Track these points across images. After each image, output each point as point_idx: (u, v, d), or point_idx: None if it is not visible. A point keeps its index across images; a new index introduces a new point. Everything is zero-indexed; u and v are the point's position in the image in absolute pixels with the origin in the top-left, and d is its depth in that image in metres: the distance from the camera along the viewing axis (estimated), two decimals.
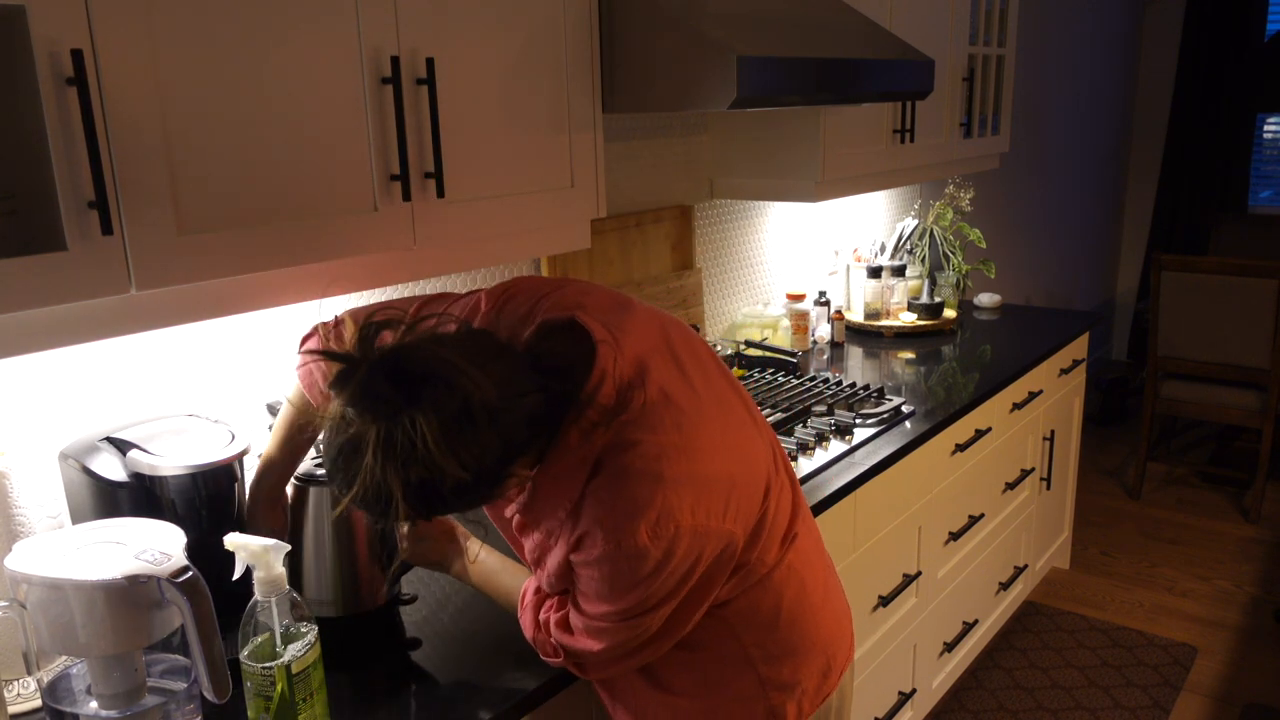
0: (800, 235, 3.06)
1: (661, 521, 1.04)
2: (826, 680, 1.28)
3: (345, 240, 1.34)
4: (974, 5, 2.94)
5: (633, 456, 1.05)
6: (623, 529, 1.04)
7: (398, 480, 0.95)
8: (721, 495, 1.10)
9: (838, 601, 1.34)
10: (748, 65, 1.68)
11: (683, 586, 1.10)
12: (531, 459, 1.08)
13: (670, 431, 1.07)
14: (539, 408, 1.03)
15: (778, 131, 2.43)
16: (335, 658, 1.35)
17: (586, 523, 1.06)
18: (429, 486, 0.96)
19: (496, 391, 0.97)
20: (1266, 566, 3.56)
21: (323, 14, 1.28)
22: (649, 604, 1.10)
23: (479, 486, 1.00)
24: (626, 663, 1.19)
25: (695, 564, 1.09)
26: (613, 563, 1.06)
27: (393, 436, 0.93)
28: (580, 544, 1.08)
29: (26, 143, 1.05)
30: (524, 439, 1.02)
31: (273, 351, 1.69)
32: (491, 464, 0.99)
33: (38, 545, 1.08)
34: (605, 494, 1.05)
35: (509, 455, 1.01)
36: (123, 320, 1.14)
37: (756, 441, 1.20)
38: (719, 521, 1.09)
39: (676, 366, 1.14)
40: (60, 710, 1.08)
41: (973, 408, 2.44)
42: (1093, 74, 5.00)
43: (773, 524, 1.20)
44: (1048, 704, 2.78)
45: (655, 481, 1.05)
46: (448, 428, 0.93)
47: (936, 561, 2.48)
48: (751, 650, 1.21)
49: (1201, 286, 3.76)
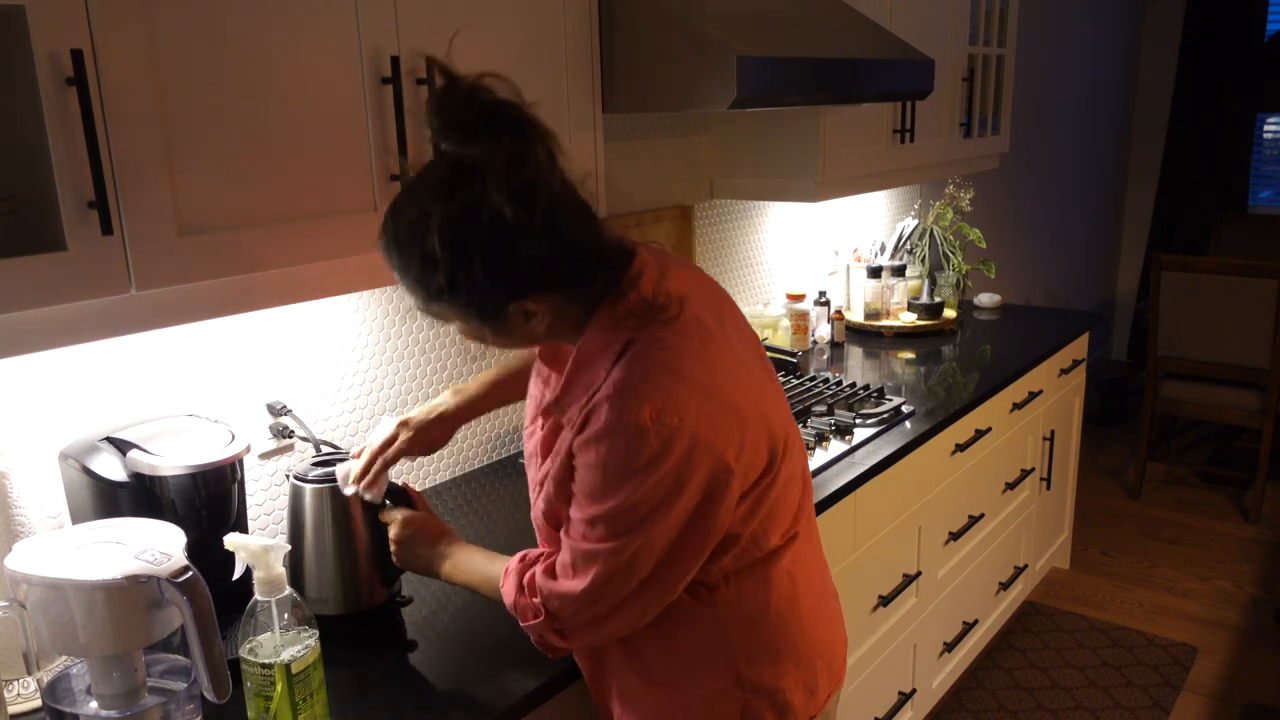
0: (800, 235, 3.06)
1: (666, 409, 1.06)
2: (812, 699, 1.25)
3: (345, 240, 1.34)
4: (974, 5, 2.94)
5: (656, 348, 1.09)
6: (628, 405, 1.06)
7: (438, 204, 1.01)
8: (730, 424, 1.10)
9: (832, 620, 1.32)
10: (748, 65, 1.68)
11: (672, 504, 1.07)
12: (549, 313, 1.10)
13: (697, 344, 1.12)
14: (583, 247, 1.08)
15: (778, 131, 2.43)
16: (335, 657, 1.35)
17: (598, 399, 1.08)
18: (468, 221, 1.01)
19: (560, 189, 1.05)
20: (1266, 566, 3.56)
21: (323, 14, 1.28)
22: (639, 511, 1.07)
23: (503, 271, 1.04)
24: (608, 625, 1.16)
25: (687, 477, 1.07)
26: (611, 439, 1.06)
27: (461, 162, 1.01)
28: (587, 421, 1.09)
29: (26, 143, 1.05)
30: (559, 264, 1.07)
31: (273, 351, 1.69)
32: (526, 256, 1.04)
33: (38, 545, 1.08)
34: (621, 374, 1.08)
35: (540, 267, 1.05)
36: (123, 320, 1.14)
37: (776, 405, 1.21)
38: (722, 445, 1.09)
39: (716, 316, 1.19)
40: (60, 710, 1.08)
41: (973, 408, 2.44)
42: (1093, 74, 5.00)
43: (777, 503, 1.19)
44: (1048, 704, 2.78)
45: (671, 374, 1.08)
46: (514, 166, 1.00)
47: (936, 561, 2.48)
48: (734, 644, 1.19)
49: (1201, 286, 3.76)
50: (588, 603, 1.14)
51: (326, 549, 1.40)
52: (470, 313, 1.10)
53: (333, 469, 1.41)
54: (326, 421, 1.79)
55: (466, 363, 2.02)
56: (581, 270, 1.10)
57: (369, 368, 1.84)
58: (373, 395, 1.86)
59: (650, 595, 1.14)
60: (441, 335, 1.97)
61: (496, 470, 2.07)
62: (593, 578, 1.12)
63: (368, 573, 1.42)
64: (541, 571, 1.19)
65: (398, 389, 1.90)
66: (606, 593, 1.13)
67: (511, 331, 1.12)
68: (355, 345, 1.81)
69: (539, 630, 1.20)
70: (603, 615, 1.15)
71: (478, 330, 1.13)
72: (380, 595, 1.44)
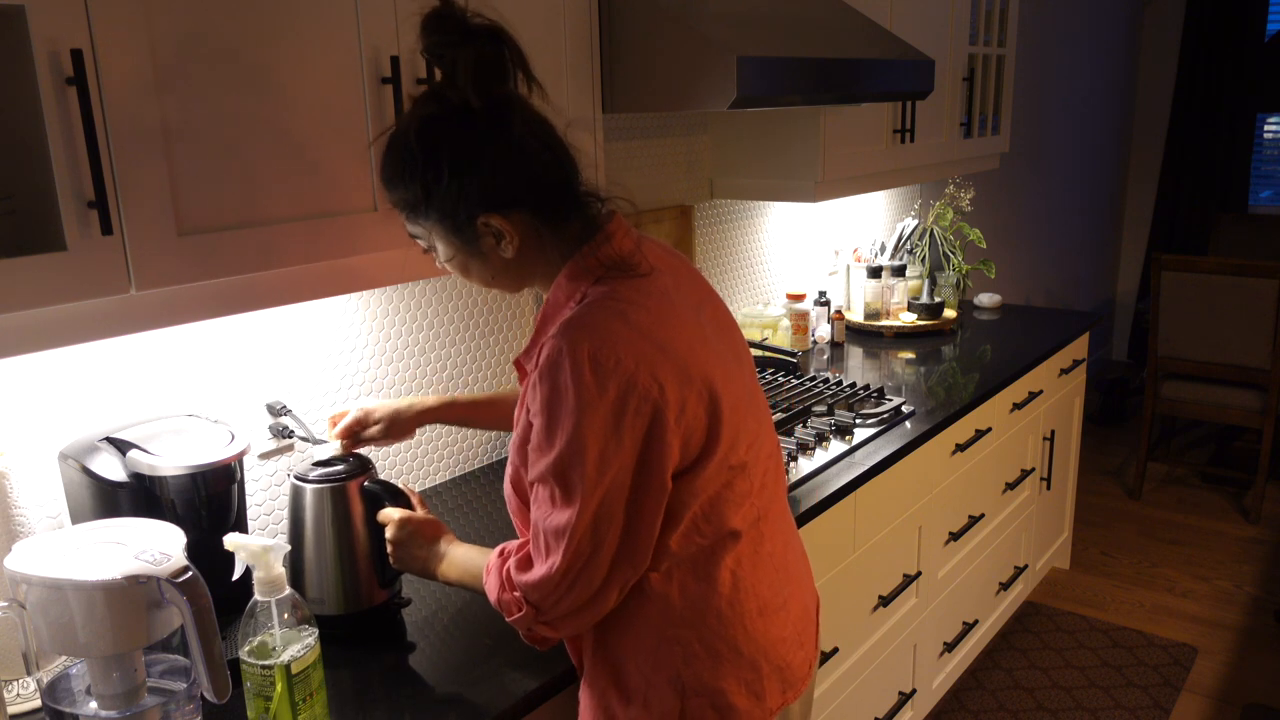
0: (800, 235, 3.06)
1: (605, 349, 1.08)
2: (758, 704, 1.22)
3: (345, 240, 1.34)
4: (974, 5, 2.94)
5: (611, 297, 1.14)
6: (568, 341, 1.09)
7: (418, 107, 1.14)
8: (672, 379, 1.11)
9: (789, 627, 1.28)
10: (748, 65, 1.68)
11: (615, 451, 1.08)
12: (518, 236, 1.15)
13: (654, 303, 1.15)
14: (555, 172, 1.15)
15: (777, 131, 2.43)
16: (335, 658, 1.35)
17: (546, 338, 1.12)
18: (439, 117, 1.11)
19: (534, 112, 1.15)
20: (1266, 566, 3.56)
21: (323, 14, 1.28)
22: (583, 457, 1.07)
23: (470, 172, 1.11)
24: (591, 609, 1.15)
25: (625, 420, 1.08)
26: (551, 376, 1.09)
27: (442, 67, 1.12)
28: (538, 360, 1.12)
29: (26, 143, 1.05)
30: (527, 180, 1.14)
31: (273, 351, 1.69)
32: (493, 159, 1.12)
33: (38, 545, 1.08)
34: (571, 314, 1.13)
35: (507, 176, 1.12)
36: (123, 320, 1.14)
37: (743, 395, 1.23)
38: (659, 396, 1.10)
39: (692, 302, 1.22)
40: (60, 710, 1.08)
41: (973, 408, 2.44)
42: (1093, 74, 5.00)
43: (724, 494, 1.18)
44: (1048, 704, 2.78)
45: (619, 318, 1.12)
46: (484, 64, 1.10)
47: (936, 562, 2.48)
48: (671, 643, 1.18)
49: (1201, 286, 3.76)
50: (565, 588, 1.13)
51: (326, 549, 1.40)
52: (446, 226, 1.15)
53: (334, 469, 1.42)
54: (327, 421, 1.79)
55: (466, 363, 2.02)
56: (551, 197, 1.16)
57: (369, 368, 1.84)
58: (373, 395, 1.86)
59: (623, 569, 1.14)
60: (441, 335, 1.97)
61: (497, 470, 2.07)
62: (562, 554, 1.11)
63: (367, 573, 1.42)
64: (515, 566, 1.18)
65: (398, 389, 1.90)
66: (581, 574, 1.12)
67: (485, 254, 1.17)
68: (355, 345, 1.81)
69: (525, 623, 1.20)
70: (583, 600, 1.14)
71: (457, 253, 1.18)
72: (380, 596, 1.44)
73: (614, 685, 1.22)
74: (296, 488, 1.41)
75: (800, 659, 1.30)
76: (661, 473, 1.12)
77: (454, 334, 1.99)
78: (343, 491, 1.40)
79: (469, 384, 2.04)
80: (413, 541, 1.37)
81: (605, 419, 1.08)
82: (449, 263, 1.21)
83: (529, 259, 1.19)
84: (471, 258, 1.19)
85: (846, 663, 2.14)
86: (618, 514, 1.12)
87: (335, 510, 1.40)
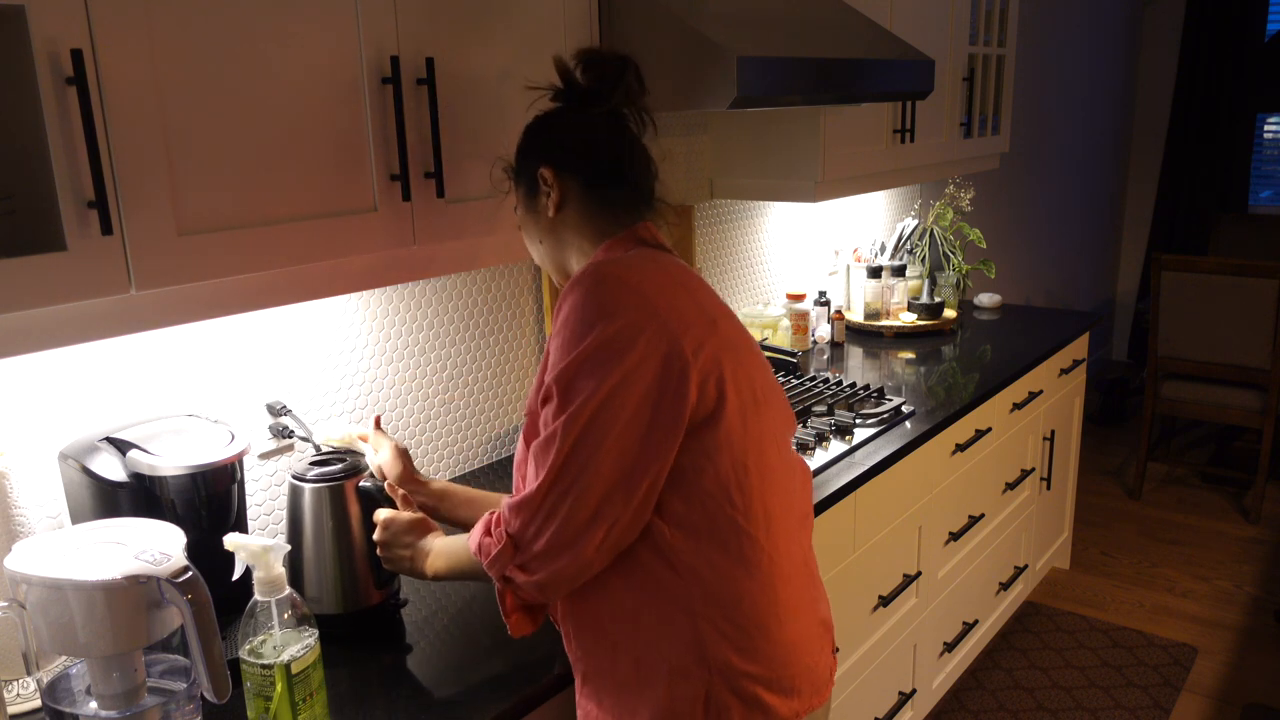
0: (800, 235, 3.06)
1: (630, 275, 1.15)
2: (785, 701, 1.19)
3: (345, 240, 1.34)
4: (974, 5, 2.94)
5: (633, 255, 1.22)
6: (598, 265, 1.17)
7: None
8: (693, 317, 1.16)
9: (812, 636, 1.26)
10: (748, 65, 1.68)
11: (621, 362, 1.09)
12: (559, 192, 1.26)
13: (675, 269, 1.22)
14: (609, 164, 1.27)
15: (778, 131, 2.43)
16: (334, 658, 1.35)
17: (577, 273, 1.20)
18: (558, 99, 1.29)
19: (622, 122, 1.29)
20: (1266, 566, 3.56)
21: (323, 14, 1.28)
22: (588, 367, 1.09)
23: (550, 131, 1.28)
24: (568, 553, 1.12)
25: (639, 337, 1.10)
26: (572, 298, 1.14)
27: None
28: (569, 283, 1.18)
29: (26, 143, 1.05)
30: (590, 146, 1.27)
31: (273, 351, 1.69)
32: (567, 122, 1.28)
33: (38, 545, 1.08)
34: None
35: (571, 143, 1.26)
36: (123, 320, 1.14)
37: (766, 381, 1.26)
38: (679, 328, 1.13)
39: (710, 299, 1.26)
40: (60, 710, 1.08)
41: (973, 408, 2.44)
42: (1092, 74, 5.00)
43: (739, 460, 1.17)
44: (1048, 704, 2.78)
45: (645, 259, 1.20)
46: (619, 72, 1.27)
47: (936, 561, 2.48)
48: (698, 615, 1.15)
49: (1201, 286, 3.76)
50: (546, 510, 1.11)
51: (325, 549, 1.40)
52: (520, 175, 1.31)
53: (331, 468, 1.42)
54: (326, 422, 1.79)
55: (466, 363, 2.02)
56: (602, 176, 1.26)
57: (369, 368, 1.84)
58: (373, 395, 1.86)
59: (615, 505, 1.11)
60: (441, 335, 1.97)
61: (497, 470, 2.07)
62: (549, 467, 1.10)
63: (364, 573, 1.42)
64: (509, 506, 1.17)
65: (398, 389, 1.90)
66: (565, 496, 1.10)
67: (537, 212, 1.29)
68: (355, 345, 1.81)
69: (501, 565, 1.16)
70: (565, 539, 1.11)
71: (521, 204, 1.32)
72: (378, 595, 1.44)
73: (635, 677, 1.18)
74: (295, 487, 1.41)
75: (824, 664, 1.28)
76: (673, 402, 1.11)
77: (454, 334, 1.99)
78: (339, 491, 1.40)
79: (469, 384, 2.04)
80: (397, 541, 1.36)
81: (614, 330, 1.10)
82: (521, 227, 1.35)
83: (567, 227, 1.28)
84: (529, 214, 1.31)
85: (847, 663, 2.14)
86: (614, 440, 1.09)
87: (333, 510, 1.40)
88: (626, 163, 1.27)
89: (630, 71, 1.27)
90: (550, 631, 1.37)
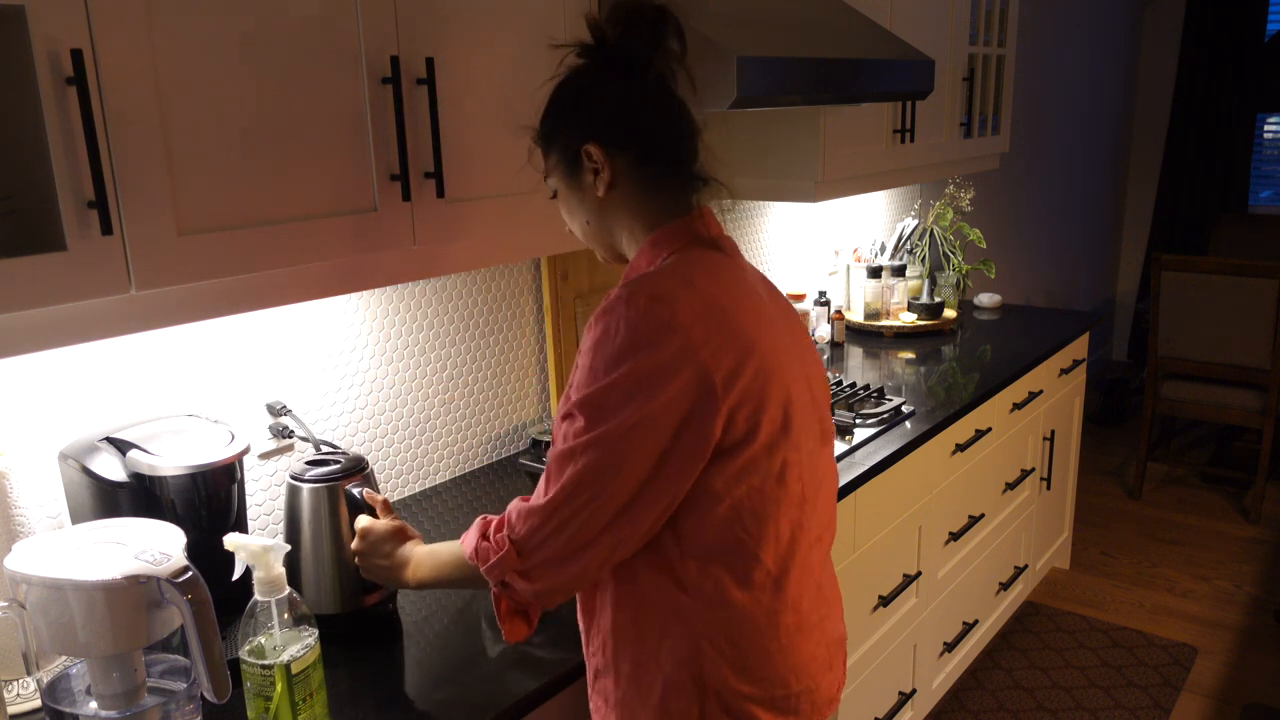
0: (800, 235, 3.06)
1: (664, 301, 1.08)
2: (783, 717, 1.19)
3: (345, 240, 1.34)
4: (974, 5, 2.94)
5: (681, 262, 1.16)
6: (632, 289, 1.10)
7: (570, 63, 1.21)
8: (727, 343, 1.10)
9: (819, 654, 1.24)
10: (748, 65, 1.68)
11: (648, 400, 1.06)
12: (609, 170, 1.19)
13: (726, 277, 1.17)
14: (663, 143, 1.20)
15: (778, 131, 2.43)
16: (334, 657, 1.35)
17: (612, 290, 1.14)
18: (586, 67, 1.20)
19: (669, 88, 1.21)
20: (1266, 566, 3.56)
21: (324, 14, 1.28)
22: (613, 397, 1.06)
23: (589, 104, 1.19)
24: (573, 563, 1.11)
25: (669, 376, 1.06)
26: (605, 319, 1.09)
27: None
28: (603, 304, 1.13)
29: (26, 143, 1.05)
30: (636, 120, 1.19)
31: (273, 351, 1.69)
32: (612, 96, 1.18)
33: (38, 545, 1.08)
34: (641, 274, 1.16)
35: (619, 110, 1.18)
36: (123, 320, 1.14)
37: (808, 388, 1.22)
38: (710, 359, 1.08)
39: (771, 300, 1.23)
40: (60, 710, 1.08)
41: (973, 408, 2.44)
42: (1093, 74, 5.00)
43: (765, 491, 1.14)
44: (1048, 704, 2.78)
45: (683, 280, 1.12)
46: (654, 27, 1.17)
47: (936, 561, 2.48)
48: (699, 635, 1.14)
49: (1201, 286, 3.76)
50: (557, 523, 1.09)
51: (323, 548, 1.40)
52: (561, 153, 1.21)
53: (329, 469, 1.42)
54: (326, 421, 1.79)
55: (466, 363, 2.02)
56: (655, 154, 1.19)
57: (369, 368, 1.84)
58: (373, 395, 1.86)
59: (623, 527, 1.09)
60: (441, 335, 1.97)
61: (497, 470, 2.07)
62: (563, 484, 1.09)
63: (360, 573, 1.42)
64: (516, 502, 1.15)
65: (398, 389, 1.90)
66: (579, 513, 1.08)
67: (583, 191, 1.21)
68: (355, 345, 1.81)
69: (501, 569, 1.14)
70: (571, 550, 1.10)
71: (563, 184, 1.23)
72: (376, 595, 1.44)
73: (633, 685, 1.18)
74: (292, 487, 1.41)
75: (829, 682, 1.26)
76: (697, 438, 1.08)
77: (454, 334, 1.99)
78: (336, 491, 1.40)
79: (469, 384, 2.04)
80: (374, 552, 1.35)
81: (648, 366, 1.06)
82: (560, 201, 1.26)
83: (618, 208, 1.21)
84: (572, 191, 1.23)
85: (847, 663, 2.14)
86: (636, 464, 1.07)
87: (331, 510, 1.40)
88: (679, 138, 1.21)
89: (670, 25, 1.18)
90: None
